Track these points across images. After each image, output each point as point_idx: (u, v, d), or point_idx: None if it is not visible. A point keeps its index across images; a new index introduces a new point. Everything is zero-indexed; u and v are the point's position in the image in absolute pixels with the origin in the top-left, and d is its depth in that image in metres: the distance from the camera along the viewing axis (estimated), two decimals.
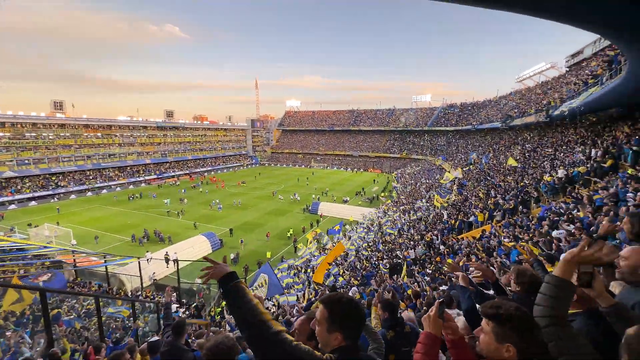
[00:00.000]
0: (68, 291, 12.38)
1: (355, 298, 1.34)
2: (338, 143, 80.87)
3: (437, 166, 46.27)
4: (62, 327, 9.69)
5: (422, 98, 76.81)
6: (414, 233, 17.78)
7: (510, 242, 8.70)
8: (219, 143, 77.55)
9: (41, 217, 31.46)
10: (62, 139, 47.07)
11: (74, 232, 25.43)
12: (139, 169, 55.55)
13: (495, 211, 13.30)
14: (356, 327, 1.28)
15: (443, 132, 65.65)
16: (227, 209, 34.96)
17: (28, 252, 15.69)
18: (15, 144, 42.01)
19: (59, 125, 47.23)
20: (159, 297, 15.66)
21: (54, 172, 44.30)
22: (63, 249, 19.52)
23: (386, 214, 27.43)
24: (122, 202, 38.88)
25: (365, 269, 15.12)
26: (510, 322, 1.15)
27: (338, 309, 1.26)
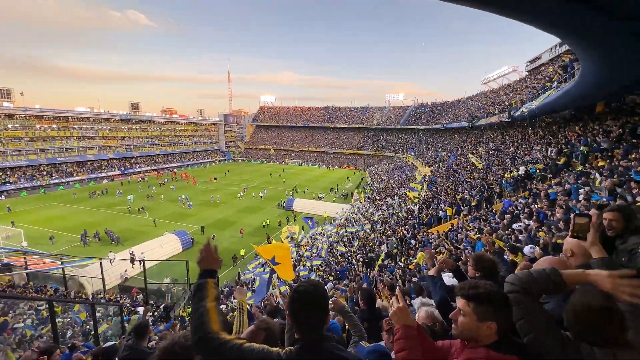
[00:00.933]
0: (17, 296, 11.34)
1: (317, 286, 1.28)
2: (313, 140, 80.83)
3: (409, 163, 47.75)
4: (10, 335, 8.88)
5: (395, 97, 78.78)
6: (387, 228, 18.24)
7: (476, 235, 9.16)
8: (190, 138, 74.59)
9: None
10: (10, 130, 42.85)
11: (25, 233, 23.36)
12: (100, 164, 52.07)
13: (463, 206, 13.96)
14: (312, 316, 1.22)
15: (415, 131, 67.78)
16: (198, 207, 33.78)
17: None
18: None
19: (7, 115, 42.94)
20: (124, 300, 14.84)
21: (1, 167, 40.30)
22: (12, 249, 17.85)
23: (360, 210, 27.89)
24: (82, 200, 36.23)
25: (339, 264, 15.29)
26: (490, 300, 1.18)
27: (294, 298, 1.23)
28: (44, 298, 10.51)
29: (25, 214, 30.15)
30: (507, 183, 12.80)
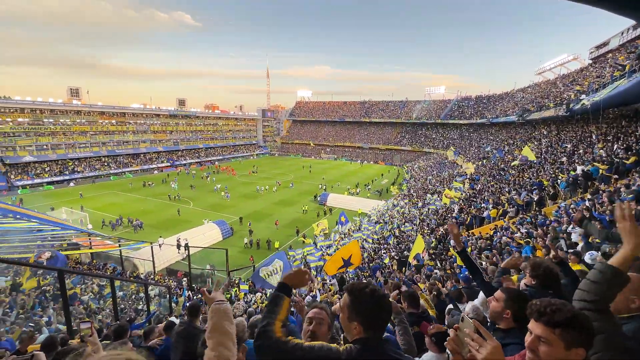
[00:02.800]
0: (85, 272, 12.83)
1: (380, 288, 1.28)
2: (348, 134, 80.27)
3: (449, 160, 45.49)
4: (79, 306, 10.07)
5: (436, 90, 75.19)
6: (424, 227, 17.64)
7: (523, 239, 8.52)
8: (230, 132, 78.01)
9: (60, 200, 32.49)
10: (78, 125, 48.16)
11: (90, 217, 26.26)
12: (151, 156, 56.57)
13: (509, 207, 13.03)
14: (377, 318, 1.22)
15: (456, 126, 64.29)
16: (236, 198, 35.38)
17: (45, 233, 16.27)
18: (34, 129, 43.24)
19: (75, 111, 48.29)
20: (170, 282, 16.10)
21: (71, 158, 45.56)
22: (80, 230, 20.14)
23: (395, 207, 27.26)
24: (136, 189, 39.77)
25: (372, 260, 15.15)
26: (579, 324, 1.04)
27: (360, 297, 1.22)
28: (106, 276, 11.72)
29: (91, 200, 33.87)
30: (563, 183, 11.67)
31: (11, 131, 41.19)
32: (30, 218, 16.17)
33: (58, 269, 6.04)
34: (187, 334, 2.73)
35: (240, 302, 10.89)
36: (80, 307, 9.75)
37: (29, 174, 40.40)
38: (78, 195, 34.88)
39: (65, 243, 16.70)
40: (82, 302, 10.10)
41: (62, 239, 16.80)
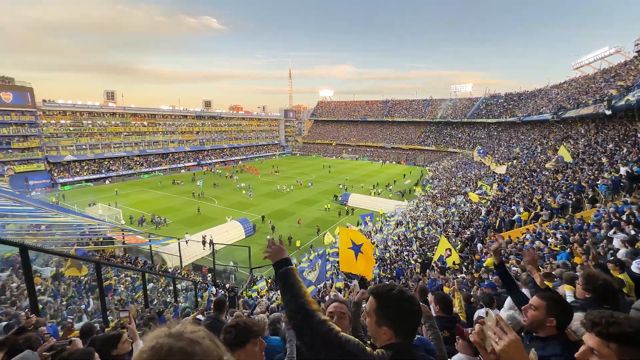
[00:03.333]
0: (119, 265, 13.59)
1: (408, 290, 1.23)
2: (370, 134, 79.44)
3: (476, 160, 43.76)
4: (113, 297, 10.68)
5: (462, 88, 72.57)
6: (449, 229, 17.10)
7: (559, 245, 8.02)
8: (253, 132, 79.59)
9: (97, 197, 34.63)
10: (113, 126, 51.11)
11: (123, 213, 27.79)
12: (179, 155, 58.91)
13: (542, 210, 12.32)
14: (409, 322, 1.16)
15: (484, 124, 61.77)
16: (258, 197, 36.06)
17: (84, 228, 17.42)
18: (75, 130, 46.43)
19: (111, 113, 51.27)
20: (196, 276, 16.69)
21: (107, 157, 48.43)
22: (114, 225, 21.37)
23: (419, 208, 26.63)
24: (165, 187, 41.60)
25: (394, 262, 14.88)
26: (637, 339, 0.96)
27: (388, 300, 1.16)
28: (138, 269, 12.34)
29: (124, 197, 35.83)
30: (603, 186, 10.86)
31: (55, 132, 44.46)
32: (70, 213, 17.38)
33: (95, 260, 6.43)
34: (214, 328, 2.82)
35: (263, 299, 11.08)
36: (115, 297, 10.32)
37: (70, 172, 43.45)
38: (114, 192, 37.07)
39: (101, 238, 17.78)
40: (115, 293, 10.67)
41: (98, 233, 17.90)
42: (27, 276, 4.16)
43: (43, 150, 41.72)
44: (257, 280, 15.61)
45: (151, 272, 12.96)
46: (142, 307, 8.49)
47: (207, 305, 11.74)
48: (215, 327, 2.91)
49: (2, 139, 38.41)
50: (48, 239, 13.73)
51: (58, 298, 9.41)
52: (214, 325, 2.93)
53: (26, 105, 39.75)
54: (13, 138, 39.20)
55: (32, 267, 8.94)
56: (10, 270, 10.04)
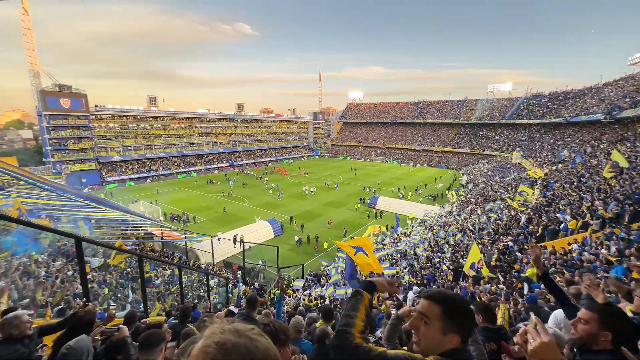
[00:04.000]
0: (159, 259, 14.46)
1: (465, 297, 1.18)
2: (401, 136, 77.72)
3: (515, 163, 41.12)
4: (152, 289, 11.35)
5: (501, 87, 68.58)
6: (484, 236, 16.21)
7: (614, 257, 7.28)
8: (283, 135, 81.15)
9: (140, 195, 37.21)
10: (154, 129, 54.70)
11: (161, 210, 29.58)
12: (213, 157, 61.59)
13: (592, 219, 11.27)
14: (471, 329, 1.15)
15: (524, 126, 57.91)
16: (287, 198, 36.64)
17: (129, 223, 18.77)
18: (121, 133, 50.33)
19: (153, 117, 54.92)
20: (226, 273, 17.30)
21: (148, 158, 51.89)
22: (155, 222, 22.79)
23: (451, 213, 25.53)
24: (200, 186, 43.69)
25: (425, 268, 14.38)
26: None
27: (455, 307, 1.13)
28: (175, 264, 13.03)
29: (162, 195, 38.16)
30: None
31: (104, 134, 48.52)
32: (116, 209, 18.80)
33: (138, 254, 6.89)
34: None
35: (290, 299, 11.22)
36: (153, 289, 10.97)
37: (116, 171, 47.12)
38: (154, 190, 39.61)
39: (142, 233, 19.04)
40: (155, 285, 11.33)
41: (140, 228, 19.18)
42: (81, 266, 4.56)
43: (94, 151, 45.69)
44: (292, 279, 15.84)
45: (186, 267, 13.62)
46: (178, 299, 8.95)
47: (236, 301, 12.12)
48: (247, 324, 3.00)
49: (60, 140, 42.62)
50: (96, 231, 14.95)
51: (104, 287, 10.21)
52: (245, 321, 3.01)
53: (81, 110, 43.80)
54: (70, 140, 43.36)
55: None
56: (64, 260, 11.07)
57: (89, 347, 2.05)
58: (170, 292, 11.77)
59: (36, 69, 43.39)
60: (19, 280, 7.61)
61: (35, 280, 7.99)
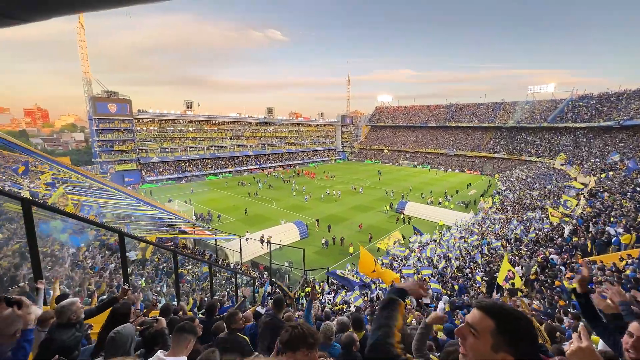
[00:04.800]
0: (192, 256, 15.16)
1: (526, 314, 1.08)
2: (431, 140, 75.37)
3: (557, 170, 38.26)
4: (184, 284, 11.88)
5: (542, 88, 64.22)
6: (521, 247, 15.21)
7: None
8: (310, 138, 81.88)
9: (175, 194, 39.32)
10: (190, 132, 57.64)
11: (194, 209, 31.01)
12: (243, 159, 63.59)
13: None
14: (531, 351, 0.98)
15: (569, 130, 53.83)
16: (313, 201, 36.85)
17: (165, 221, 19.88)
18: (160, 136, 53.60)
19: (189, 121, 57.89)
20: (253, 273, 17.70)
21: (184, 159, 54.74)
22: (188, 220, 23.93)
23: (485, 221, 24.26)
24: (231, 187, 45.30)
25: (456, 278, 13.76)
26: None
27: (510, 322, 0.99)
28: (205, 261, 13.58)
29: (195, 195, 40.02)
30: None
31: (145, 137, 51.95)
32: (154, 207, 19.98)
33: (173, 250, 7.27)
34: (273, 325, 2.96)
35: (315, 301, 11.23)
36: (185, 284, 11.49)
37: (155, 171, 50.20)
38: (189, 190, 41.68)
39: (177, 231, 20.05)
40: (186, 281, 11.85)
41: (174, 226, 20.23)
42: (123, 259, 4.90)
43: (136, 152, 49.04)
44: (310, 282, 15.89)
45: (217, 265, 14.12)
46: (208, 295, 9.29)
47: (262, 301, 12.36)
48: (273, 323, 3.06)
49: (107, 142, 46.25)
50: (135, 227, 15.98)
51: (141, 279, 10.86)
52: (272, 322, 3.08)
53: (126, 115, 47.28)
54: (115, 142, 46.93)
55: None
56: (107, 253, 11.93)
57: (133, 334, 2.21)
58: (201, 289, 12.27)
59: (88, 77, 47.52)
60: (69, 270, 8.34)
61: (83, 271, 8.70)
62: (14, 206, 9.84)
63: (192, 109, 59.64)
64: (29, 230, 3.04)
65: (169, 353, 1.93)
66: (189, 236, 20.78)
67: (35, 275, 3.16)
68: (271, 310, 3.17)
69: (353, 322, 2.93)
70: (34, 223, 3.08)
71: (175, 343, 1.97)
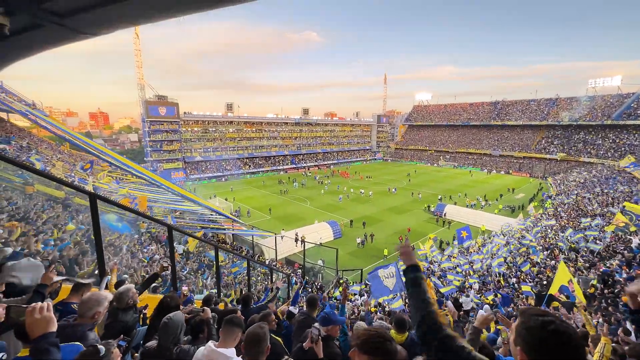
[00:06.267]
0: (232, 251, 15.93)
1: (570, 327, 1.00)
2: (473, 140, 71.16)
3: (623, 173, 34.02)
4: (223, 277, 12.49)
5: (606, 82, 57.49)
6: (579, 259, 13.79)
7: None
8: (346, 138, 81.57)
9: (217, 192, 41.56)
10: (230, 133, 60.52)
11: (233, 206, 32.49)
12: (279, 159, 65.27)
13: None
14: (545, 354, 0.97)
15: (638, 127, 47.62)
16: (347, 202, 36.68)
17: (206, 216, 21.10)
18: (203, 136, 56.99)
19: (229, 122, 60.81)
20: (288, 270, 18.09)
21: (224, 159, 57.61)
22: (228, 216, 25.13)
23: (534, 228, 22.34)
24: (268, 186, 46.79)
25: (500, 287, 12.86)
26: None
27: (527, 323, 1.02)
28: (243, 256, 14.18)
29: (235, 193, 41.92)
30: None
31: (190, 137, 55.55)
32: (197, 204, 21.28)
33: (215, 244, 7.68)
34: (306, 324, 3.01)
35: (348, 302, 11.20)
36: (224, 278, 12.09)
37: (198, 170, 53.48)
38: (229, 188, 43.83)
39: (217, 225, 21.16)
40: (228, 274, 12.46)
41: (215, 221, 21.37)
42: (171, 251, 5.29)
43: (182, 152, 52.65)
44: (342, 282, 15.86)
45: (253, 261, 14.68)
46: (246, 289, 9.68)
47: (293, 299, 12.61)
48: (306, 322, 3.10)
49: (157, 143, 50.22)
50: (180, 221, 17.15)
51: (184, 271, 11.64)
52: (306, 321, 3.12)
53: (173, 117, 50.99)
54: (164, 142, 50.80)
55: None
56: (157, 245, 12.94)
57: (182, 321, 2.42)
58: (238, 282, 12.86)
59: (142, 82, 51.98)
60: (126, 259, 9.21)
61: (137, 260, 9.56)
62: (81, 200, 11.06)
63: (232, 110, 62.46)
64: (95, 222, 3.41)
65: (219, 344, 2.08)
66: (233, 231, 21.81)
67: (99, 263, 3.55)
68: (305, 311, 3.23)
69: (396, 323, 2.83)
70: (98, 216, 3.44)
71: (225, 335, 2.12)
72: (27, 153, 19.77)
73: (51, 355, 1.39)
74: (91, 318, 2.06)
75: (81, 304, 2.10)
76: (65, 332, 1.85)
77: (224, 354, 2.02)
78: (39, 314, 1.38)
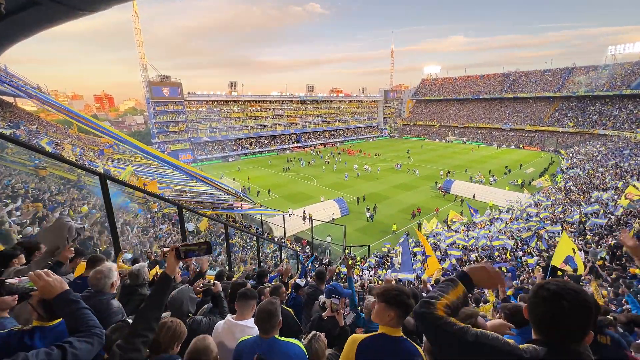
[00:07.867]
0: (239, 227, 16.30)
1: (580, 292, 1.01)
2: (484, 114, 69.20)
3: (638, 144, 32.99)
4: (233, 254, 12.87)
5: (626, 48, 54.40)
6: (588, 233, 13.72)
7: None
8: (352, 115, 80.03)
9: (223, 172, 41.91)
10: (235, 112, 59.95)
11: (240, 185, 32.86)
12: (284, 138, 64.85)
13: None
14: (552, 325, 1.03)
15: None
16: (354, 179, 36.67)
17: (214, 196, 21.43)
18: (208, 117, 56.64)
19: (234, 101, 60.08)
20: (297, 247, 18.52)
21: (229, 139, 57.53)
22: (239, 192, 25.48)
23: (544, 202, 22.14)
24: (274, 166, 46.90)
25: (506, 261, 12.98)
26: None
27: (535, 296, 1.09)
28: (253, 234, 14.52)
29: (242, 173, 42.23)
30: None
31: (195, 118, 55.32)
32: (206, 183, 21.55)
33: (224, 222, 7.86)
34: (315, 297, 3.12)
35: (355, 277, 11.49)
36: (236, 255, 12.46)
37: (205, 150, 53.70)
38: (235, 168, 44.15)
39: (227, 204, 21.53)
40: (235, 252, 12.85)
41: (225, 200, 21.72)
42: (182, 230, 5.43)
43: (188, 132, 52.69)
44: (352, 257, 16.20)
45: (263, 238, 15.03)
46: (256, 266, 10.00)
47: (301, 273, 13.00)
48: (315, 295, 3.22)
49: (163, 124, 50.26)
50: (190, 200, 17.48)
51: None
52: (315, 294, 3.24)
53: (177, 97, 50.57)
54: (169, 123, 50.79)
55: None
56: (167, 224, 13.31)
57: (188, 295, 2.51)
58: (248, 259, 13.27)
59: (144, 63, 51.19)
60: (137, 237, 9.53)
61: (151, 237, 9.88)
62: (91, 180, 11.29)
63: (236, 89, 61.59)
64: (107, 202, 3.49)
65: (237, 316, 2.22)
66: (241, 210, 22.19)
67: (113, 240, 3.67)
68: (314, 283, 3.33)
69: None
70: (109, 196, 3.51)
71: (241, 308, 2.25)
72: (37, 137, 20.07)
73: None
74: (111, 287, 2.16)
75: (91, 279, 2.14)
76: (90, 302, 1.95)
77: (243, 325, 2.16)
78: (47, 277, 1.37)
